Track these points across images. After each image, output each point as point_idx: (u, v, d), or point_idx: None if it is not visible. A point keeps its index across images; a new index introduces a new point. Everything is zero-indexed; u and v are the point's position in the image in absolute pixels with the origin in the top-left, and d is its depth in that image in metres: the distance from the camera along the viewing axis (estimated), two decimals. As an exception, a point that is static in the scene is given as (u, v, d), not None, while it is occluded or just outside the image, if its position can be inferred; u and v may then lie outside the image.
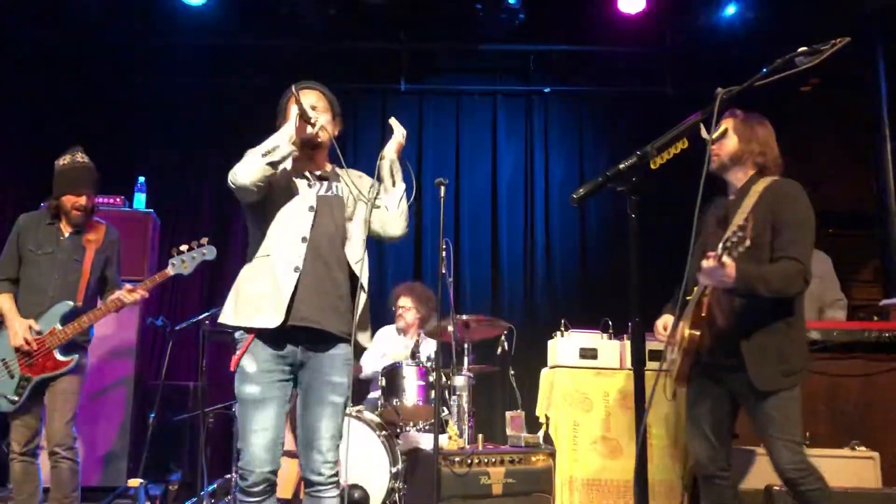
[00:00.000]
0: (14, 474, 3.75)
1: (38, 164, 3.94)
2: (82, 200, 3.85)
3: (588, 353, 4.12)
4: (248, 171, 2.62)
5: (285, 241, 2.70)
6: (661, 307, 3.18)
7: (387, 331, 5.50)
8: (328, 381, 2.70)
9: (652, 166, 2.07)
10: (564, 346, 4.19)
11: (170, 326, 4.78)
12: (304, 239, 2.69)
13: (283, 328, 2.63)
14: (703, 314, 2.91)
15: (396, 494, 4.30)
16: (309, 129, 2.74)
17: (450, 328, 4.32)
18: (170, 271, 3.66)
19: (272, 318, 2.61)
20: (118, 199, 5.56)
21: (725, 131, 2.93)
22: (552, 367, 4.25)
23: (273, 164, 2.63)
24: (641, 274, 2.05)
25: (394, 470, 4.33)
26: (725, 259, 2.62)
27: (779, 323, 2.83)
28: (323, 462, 2.66)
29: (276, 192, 2.74)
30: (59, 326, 3.69)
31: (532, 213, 6.36)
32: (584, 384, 4.10)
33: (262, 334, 2.66)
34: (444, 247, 3.84)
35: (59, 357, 3.69)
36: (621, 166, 2.07)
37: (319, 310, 2.68)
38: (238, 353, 2.68)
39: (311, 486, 2.70)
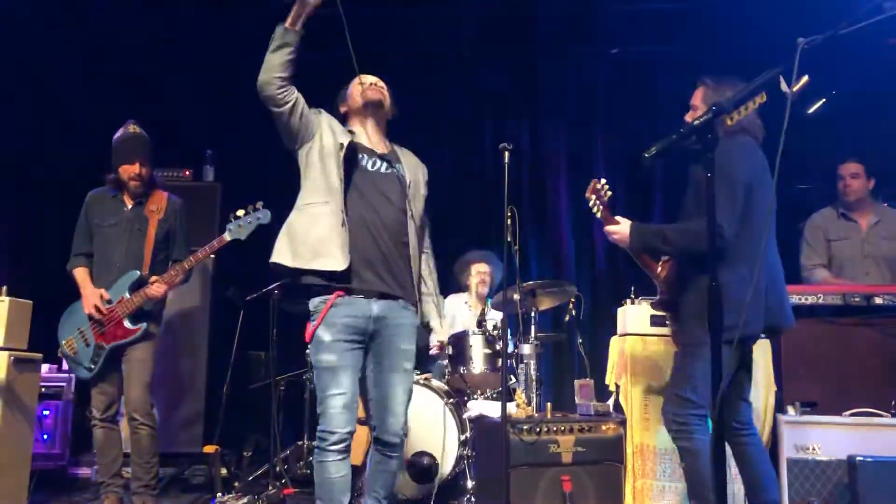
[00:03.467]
0: (97, 440, 3.90)
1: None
2: (136, 169, 3.93)
3: (659, 321, 4.03)
4: (263, 70, 2.76)
5: (336, 191, 2.81)
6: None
7: (455, 300, 5.50)
8: (399, 348, 2.90)
9: (728, 122, 1.98)
10: (634, 313, 4.10)
11: (241, 297, 4.86)
12: (352, 201, 2.84)
13: (353, 292, 2.79)
14: (658, 273, 3.19)
15: (465, 462, 4.32)
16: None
17: (516, 296, 4.28)
18: (227, 237, 3.70)
19: (339, 261, 2.74)
20: (186, 172, 5.68)
21: (807, 82, 2.80)
22: (622, 335, 4.17)
23: (279, 49, 2.72)
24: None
25: (462, 437, 4.35)
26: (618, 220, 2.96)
27: (702, 279, 2.76)
28: (397, 424, 2.90)
29: (323, 143, 2.87)
30: (127, 295, 3.79)
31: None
32: (656, 352, 4.01)
33: (336, 304, 2.78)
34: (509, 214, 3.78)
35: (128, 325, 3.79)
36: (695, 123, 1.99)
37: (386, 270, 2.85)
38: (315, 323, 2.79)
39: (384, 445, 2.92)
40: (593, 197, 3.10)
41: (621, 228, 3.03)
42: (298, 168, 2.94)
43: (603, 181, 3.13)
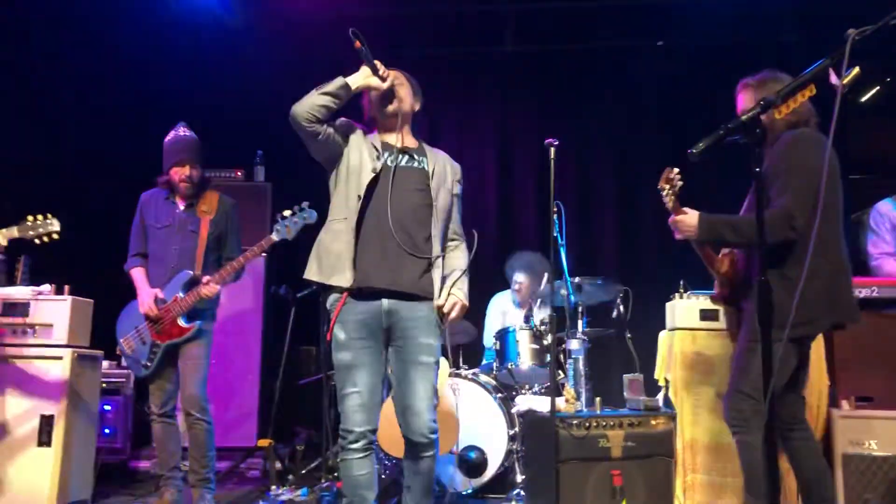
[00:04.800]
0: (155, 434, 4.01)
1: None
2: (186, 171, 4.01)
3: (709, 315, 4.00)
4: (301, 100, 2.79)
5: (355, 204, 2.82)
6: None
7: (504, 297, 5.52)
8: (416, 342, 2.80)
9: (777, 116, 1.97)
10: (684, 307, 4.07)
11: (292, 295, 4.95)
12: (367, 200, 2.81)
13: (363, 292, 2.77)
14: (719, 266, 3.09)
15: (514, 456, 4.34)
16: (376, 80, 2.83)
17: (563, 291, 4.29)
18: (274, 237, 3.75)
19: (346, 279, 2.76)
20: (238, 173, 5.79)
21: (858, 75, 2.77)
22: (671, 330, 4.15)
23: (326, 95, 2.76)
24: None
25: (511, 432, 4.37)
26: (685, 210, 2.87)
27: (772, 273, 2.71)
28: (420, 423, 2.76)
29: (349, 156, 2.89)
30: (181, 295, 3.88)
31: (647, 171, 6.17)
32: (705, 346, 3.98)
33: (351, 296, 2.79)
34: (555, 209, 3.78)
35: (182, 324, 3.89)
36: (743, 117, 1.98)
37: (399, 272, 2.79)
38: (331, 322, 2.82)
39: (411, 445, 2.81)
40: (667, 186, 3.03)
41: (689, 218, 2.96)
42: None
43: (676, 170, 3.04)
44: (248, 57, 6.04)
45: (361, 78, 2.84)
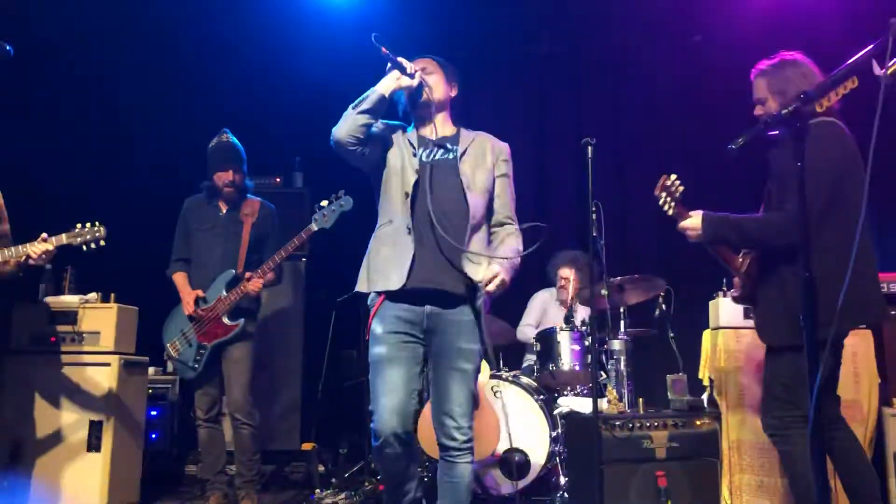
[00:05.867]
0: (201, 439, 4.08)
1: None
2: (229, 176, 4.09)
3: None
4: (341, 124, 2.72)
5: (397, 205, 2.75)
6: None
7: (545, 296, 5.49)
8: (456, 347, 2.70)
9: (817, 109, 1.93)
10: (727, 306, 4.01)
11: (332, 298, 4.98)
12: (411, 200, 2.72)
13: (406, 290, 2.67)
14: (738, 266, 2.98)
15: (557, 458, 4.31)
16: (405, 80, 2.76)
17: (604, 291, 4.25)
18: (313, 227, 3.79)
19: (392, 282, 2.67)
20: (277, 179, 5.86)
21: None
22: (714, 329, 4.09)
23: (364, 113, 2.69)
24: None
25: (553, 434, 4.34)
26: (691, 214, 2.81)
27: (786, 274, 2.64)
28: (455, 427, 2.66)
29: (388, 159, 2.81)
30: (224, 293, 3.95)
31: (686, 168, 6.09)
32: (750, 345, 3.92)
33: (389, 296, 2.72)
34: (594, 209, 3.75)
35: (226, 322, 3.95)
36: (783, 112, 1.94)
37: (438, 271, 2.69)
38: (370, 317, 2.76)
39: (444, 450, 2.71)
40: (663, 194, 2.98)
41: (693, 221, 2.90)
42: None
43: (673, 176, 2.96)
44: (285, 64, 6.09)
45: (392, 82, 2.76)
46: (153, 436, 5.01)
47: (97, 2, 5.35)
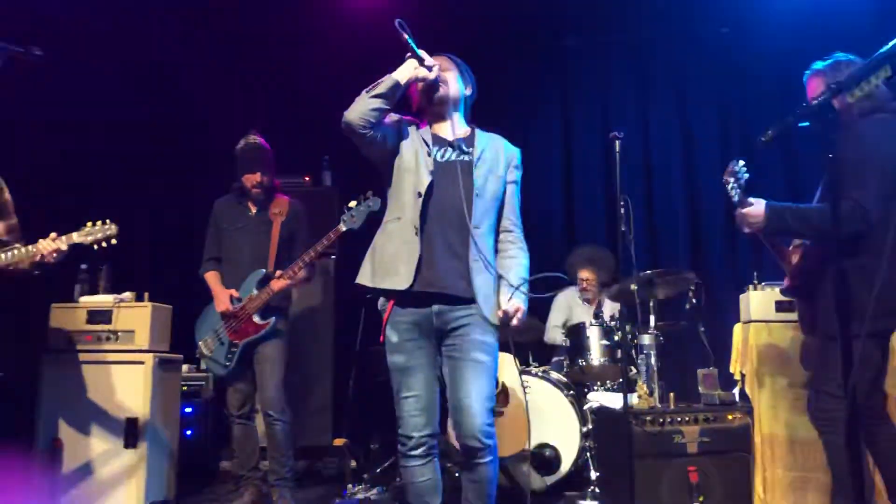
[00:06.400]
0: (235, 435, 4.13)
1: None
2: (257, 177, 4.13)
3: (785, 306, 3.90)
4: (353, 107, 2.67)
5: (407, 202, 2.71)
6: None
7: (571, 292, 5.48)
8: (470, 339, 2.65)
9: (850, 99, 1.90)
10: (758, 299, 3.98)
11: (362, 294, 5.00)
12: (422, 200, 2.67)
13: (413, 293, 2.64)
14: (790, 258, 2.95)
15: (587, 453, 4.31)
16: (422, 71, 2.72)
17: (633, 286, 4.23)
18: (342, 227, 3.81)
19: (401, 280, 2.64)
20: (306, 178, 5.90)
21: None
22: (745, 322, 4.06)
23: (377, 97, 2.65)
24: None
25: (584, 429, 4.34)
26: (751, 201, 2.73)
27: (844, 264, 2.57)
28: (474, 425, 2.59)
29: (402, 154, 2.77)
30: (255, 292, 4.00)
31: (714, 161, 6.03)
32: (782, 338, 3.88)
33: (398, 301, 2.69)
34: (622, 203, 3.74)
35: (257, 320, 3.99)
36: (814, 103, 1.92)
37: (445, 274, 2.65)
38: (383, 324, 2.73)
39: (465, 451, 2.64)
40: (731, 179, 2.95)
41: (755, 210, 2.86)
42: None
43: (741, 162, 2.93)
44: (311, 63, 6.14)
45: (410, 70, 2.72)
46: (187, 432, 5.06)
47: None
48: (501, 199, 2.83)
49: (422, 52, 2.72)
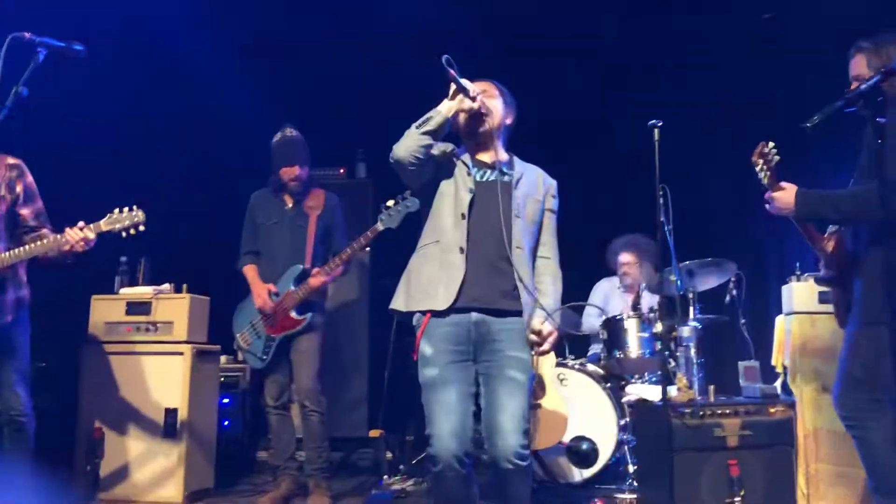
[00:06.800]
0: (271, 426, 4.16)
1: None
2: (295, 171, 4.14)
3: (828, 297, 3.80)
4: (403, 143, 2.67)
5: (447, 226, 2.70)
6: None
7: (607, 284, 5.42)
8: (506, 356, 2.63)
9: (900, 83, 1.84)
10: (801, 290, 3.90)
11: (396, 286, 5.00)
12: (464, 220, 2.68)
13: (454, 309, 2.62)
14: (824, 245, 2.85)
15: (625, 446, 4.26)
16: (468, 102, 2.71)
17: (672, 277, 4.17)
18: (379, 227, 3.83)
19: (439, 301, 2.62)
20: (341, 171, 5.91)
21: None
22: (788, 314, 3.98)
23: (427, 134, 2.64)
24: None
25: (621, 422, 4.29)
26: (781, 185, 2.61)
27: (877, 251, 2.54)
28: (508, 446, 2.54)
29: (440, 182, 2.77)
30: (292, 288, 4.01)
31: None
32: (826, 330, 3.80)
33: (435, 313, 2.65)
34: (661, 192, 3.68)
35: (294, 316, 4.01)
36: (862, 87, 1.86)
37: (490, 291, 2.65)
38: (417, 337, 2.69)
39: (497, 471, 2.60)
40: (760, 161, 2.86)
41: (786, 195, 2.79)
42: None
43: (771, 144, 2.84)
44: (345, 55, 6.14)
45: (455, 105, 2.71)
46: (225, 423, 5.11)
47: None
48: (539, 224, 2.84)
49: (466, 83, 2.71)
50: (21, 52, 2.99)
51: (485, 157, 2.84)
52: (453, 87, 2.70)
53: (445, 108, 2.71)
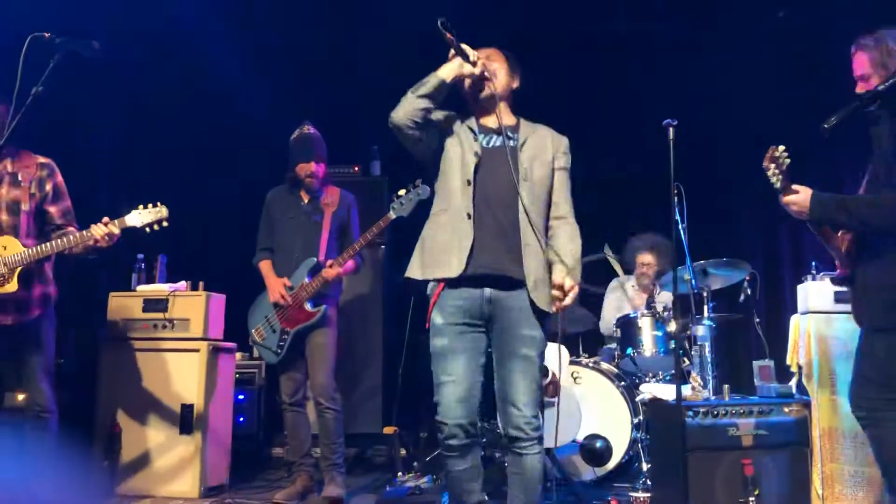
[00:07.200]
0: (287, 422, 4.18)
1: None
2: (311, 167, 4.16)
3: (844, 297, 3.78)
4: (400, 107, 2.70)
5: (455, 191, 2.72)
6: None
7: (622, 283, 5.41)
8: (517, 333, 2.65)
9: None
10: (817, 289, 3.88)
11: (410, 282, 5.01)
12: (469, 185, 2.69)
13: (465, 276, 2.64)
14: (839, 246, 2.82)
15: (638, 445, 4.26)
16: (468, 67, 2.72)
17: (686, 276, 4.16)
18: (391, 215, 3.85)
19: (452, 269, 2.64)
20: (356, 168, 5.93)
21: None
22: (803, 313, 3.96)
23: (424, 97, 2.66)
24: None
25: (635, 420, 4.30)
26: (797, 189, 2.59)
27: (889, 253, 2.53)
28: (521, 417, 2.60)
29: (446, 146, 2.79)
30: (306, 280, 4.04)
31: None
32: (842, 330, 3.78)
33: (448, 284, 2.68)
34: (675, 191, 3.67)
35: (308, 308, 4.03)
36: (880, 87, 1.86)
37: (499, 256, 2.66)
38: (430, 307, 2.72)
39: (512, 441, 2.64)
40: (772, 166, 2.85)
41: (800, 198, 2.77)
42: None
43: (781, 148, 2.83)
44: (362, 53, 6.15)
45: (455, 69, 2.72)
46: (240, 419, 5.15)
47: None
48: (550, 186, 2.83)
49: (466, 48, 2.72)
50: (39, 53, 3.03)
51: (490, 122, 2.84)
52: (452, 51, 2.72)
53: (443, 71, 2.73)
